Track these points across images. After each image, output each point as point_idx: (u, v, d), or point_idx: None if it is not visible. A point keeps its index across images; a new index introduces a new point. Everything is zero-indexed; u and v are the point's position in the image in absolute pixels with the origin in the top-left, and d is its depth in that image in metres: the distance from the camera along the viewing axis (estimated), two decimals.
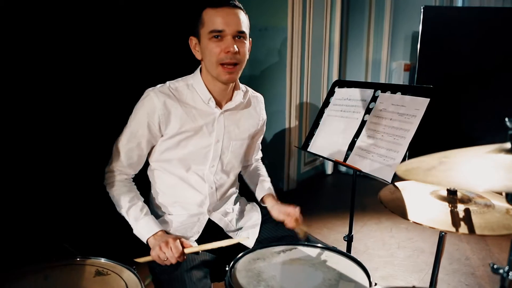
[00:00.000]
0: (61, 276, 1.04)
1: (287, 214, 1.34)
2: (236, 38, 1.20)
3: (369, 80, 5.01)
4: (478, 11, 4.10)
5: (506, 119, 0.69)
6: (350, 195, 1.66)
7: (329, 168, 4.61)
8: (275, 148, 3.87)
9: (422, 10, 3.93)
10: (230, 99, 1.35)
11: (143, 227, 1.23)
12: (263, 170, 1.60)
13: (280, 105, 3.75)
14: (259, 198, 1.51)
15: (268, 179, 1.55)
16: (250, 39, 1.29)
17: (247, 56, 1.27)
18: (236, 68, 1.23)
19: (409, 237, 2.88)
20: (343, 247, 2.11)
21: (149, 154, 1.35)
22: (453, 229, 0.89)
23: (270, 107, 3.71)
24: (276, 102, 3.77)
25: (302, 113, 3.98)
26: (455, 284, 2.26)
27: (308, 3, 3.65)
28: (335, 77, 4.42)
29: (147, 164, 1.38)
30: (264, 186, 1.50)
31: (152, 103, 1.23)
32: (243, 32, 1.21)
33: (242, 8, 1.24)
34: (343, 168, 4.73)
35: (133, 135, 1.26)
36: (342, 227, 3.05)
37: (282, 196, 4.12)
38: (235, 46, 1.18)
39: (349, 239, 1.63)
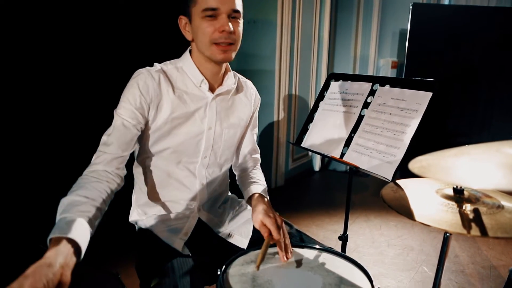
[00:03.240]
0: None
1: (263, 226, 1.12)
2: (231, 18, 1.11)
3: None
4: (465, 9, 4.12)
5: None
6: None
7: (317, 165, 4.57)
8: (263, 144, 3.79)
9: (411, 7, 3.92)
10: (221, 83, 1.26)
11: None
12: (257, 175, 1.39)
13: (268, 99, 3.68)
14: (245, 194, 1.34)
15: (262, 183, 1.34)
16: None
17: (240, 38, 1.17)
18: (231, 47, 1.14)
19: (399, 234, 2.86)
20: (334, 245, 2.06)
21: (137, 149, 1.25)
22: (464, 231, 0.83)
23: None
24: (264, 96, 3.66)
25: (291, 108, 3.91)
26: (445, 282, 2.25)
27: None
28: (324, 72, 4.37)
29: (132, 162, 1.27)
30: (252, 189, 1.29)
31: (145, 83, 1.11)
32: (238, 11, 1.12)
33: None
34: (332, 165, 4.71)
35: (125, 112, 1.10)
36: (331, 225, 3.01)
37: (270, 193, 4.05)
38: (230, 25, 1.10)
39: (344, 238, 1.57)
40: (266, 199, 1.25)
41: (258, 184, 1.32)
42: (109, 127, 1.12)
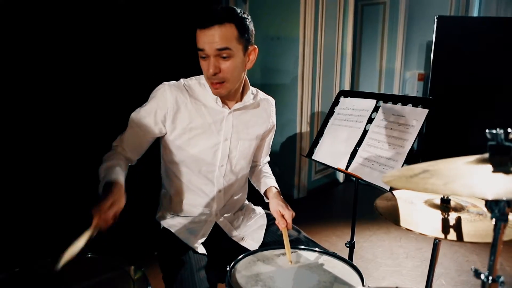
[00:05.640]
0: (73, 268, 1.12)
1: (280, 215, 1.36)
2: (220, 57, 1.21)
3: (382, 90, 5.02)
4: (492, 21, 4.08)
5: (486, 131, 0.73)
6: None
7: (341, 177, 4.62)
8: (286, 156, 3.92)
9: (435, 20, 3.94)
10: (240, 99, 1.41)
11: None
12: (269, 170, 1.64)
13: (291, 113, 3.81)
14: (262, 192, 1.56)
15: (273, 177, 1.59)
16: (255, 46, 1.29)
17: (238, 70, 1.26)
18: (223, 85, 1.26)
19: (418, 247, 2.87)
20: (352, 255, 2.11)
21: (163, 153, 1.42)
22: (442, 236, 0.92)
23: (282, 115, 3.79)
24: (287, 110, 3.83)
25: (313, 122, 4.02)
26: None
27: (320, 13, 3.71)
28: (347, 87, 4.45)
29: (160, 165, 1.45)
30: (267, 182, 1.55)
31: (165, 96, 1.30)
32: (225, 49, 1.19)
33: (234, 20, 1.20)
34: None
35: (140, 120, 1.32)
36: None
37: (293, 203, 4.13)
38: (213, 66, 1.21)
39: (350, 245, 1.66)
40: (281, 195, 1.47)
41: (270, 178, 1.56)
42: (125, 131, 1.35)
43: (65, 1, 2.10)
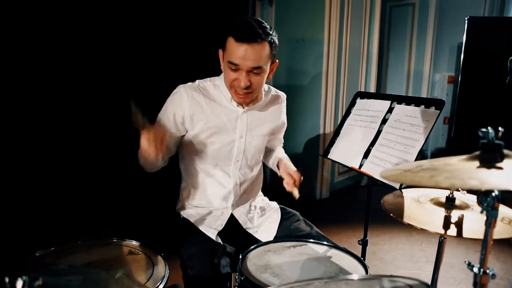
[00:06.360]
0: (101, 252, 1.24)
1: (289, 174, 1.44)
2: (252, 72, 1.29)
3: (410, 93, 4.94)
4: None
5: (479, 130, 0.77)
6: (371, 202, 1.72)
7: (365, 179, 4.59)
8: (309, 157, 3.95)
9: (466, 21, 3.85)
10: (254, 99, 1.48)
11: None
12: (282, 151, 1.71)
13: (315, 114, 3.84)
14: (275, 165, 1.63)
15: (286, 155, 1.67)
16: (277, 60, 1.39)
17: (263, 82, 1.37)
18: (249, 95, 1.36)
19: None
20: (369, 257, 2.12)
21: (182, 150, 1.51)
22: (442, 231, 0.96)
23: (305, 116, 3.84)
24: (311, 111, 3.86)
25: (337, 123, 4.02)
26: None
27: (346, 15, 3.73)
28: (372, 89, 4.42)
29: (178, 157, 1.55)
30: (279, 156, 1.64)
31: (181, 98, 1.39)
32: (259, 68, 1.28)
33: (268, 38, 1.27)
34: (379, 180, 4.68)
35: (161, 124, 1.41)
36: (370, 238, 3.05)
37: (315, 204, 4.14)
38: (246, 81, 1.29)
39: (363, 243, 1.69)
40: (289, 161, 1.57)
41: (282, 154, 1.66)
42: None
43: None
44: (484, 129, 0.74)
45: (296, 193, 1.42)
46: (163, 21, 2.54)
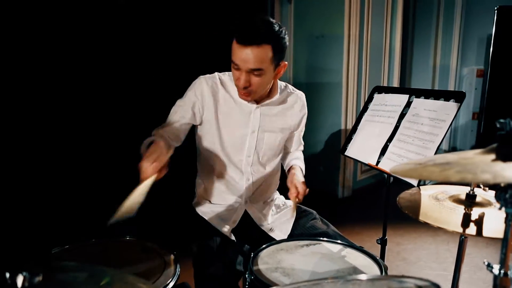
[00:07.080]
0: (115, 249, 1.26)
1: (294, 186, 1.42)
2: (251, 73, 1.30)
3: (436, 87, 4.76)
4: None
5: (496, 122, 0.72)
6: (389, 199, 1.66)
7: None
8: (330, 155, 3.89)
9: (495, 11, 3.67)
10: (267, 96, 1.47)
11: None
12: (299, 155, 1.68)
13: (336, 112, 3.77)
14: (286, 170, 1.62)
15: (301, 160, 1.65)
16: (285, 63, 1.38)
17: (266, 84, 1.37)
18: (251, 94, 1.37)
19: (468, 252, 2.68)
20: (392, 257, 2.06)
21: (197, 143, 1.52)
22: (461, 230, 0.90)
23: (326, 113, 3.78)
24: (332, 108, 3.80)
25: None
26: None
27: (366, 9, 3.63)
28: (396, 84, 4.29)
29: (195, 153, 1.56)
30: (292, 162, 1.62)
31: (201, 87, 1.43)
32: (259, 70, 1.29)
33: (272, 40, 1.27)
34: (403, 178, 4.54)
35: (178, 108, 1.44)
36: (394, 237, 2.97)
37: (337, 202, 4.07)
38: (245, 81, 1.31)
39: (382, 242, 1.64)
40: (303, 173, 1.54)
41: (297, 159, 1.63)
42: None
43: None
44: (502, 120, 0.69)
45: (293, 207, 1.43)
46: (180, 21, 2.56)
